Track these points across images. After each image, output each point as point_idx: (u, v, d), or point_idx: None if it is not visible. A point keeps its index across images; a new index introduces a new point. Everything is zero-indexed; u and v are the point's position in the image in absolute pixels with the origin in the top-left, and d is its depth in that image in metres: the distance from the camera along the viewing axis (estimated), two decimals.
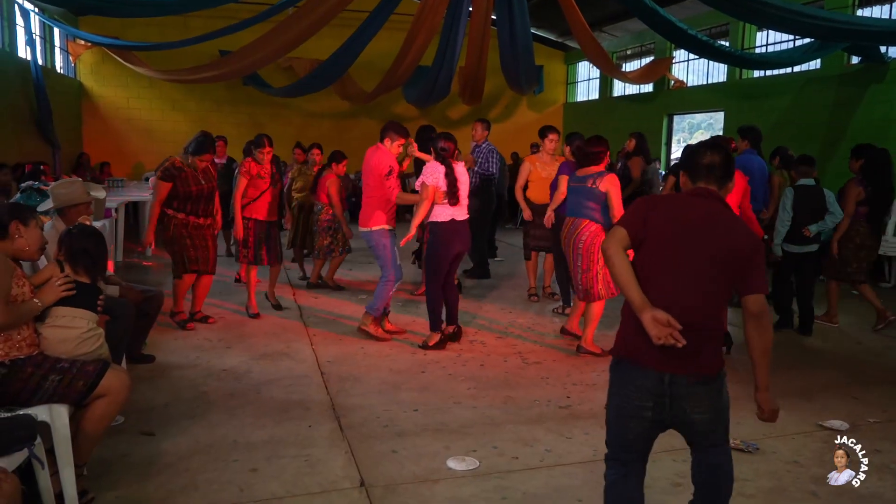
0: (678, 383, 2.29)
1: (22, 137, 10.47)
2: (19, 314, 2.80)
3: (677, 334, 2.19)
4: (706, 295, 2.31)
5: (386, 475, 3.19)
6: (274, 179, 5.99)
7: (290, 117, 14.94)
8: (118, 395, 2.92)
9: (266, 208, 5.93)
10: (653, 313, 2.20)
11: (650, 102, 13.79)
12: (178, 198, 5.31)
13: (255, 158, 5.96)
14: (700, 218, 2.33)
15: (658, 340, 2.20)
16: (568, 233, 5.04)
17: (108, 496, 2.94)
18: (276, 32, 10.13)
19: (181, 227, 5.33)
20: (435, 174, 4.94)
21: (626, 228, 2.36)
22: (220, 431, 3.63)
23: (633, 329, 2.31)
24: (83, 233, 3.18)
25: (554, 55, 16.62)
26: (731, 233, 2.32)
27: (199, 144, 5.35)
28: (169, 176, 5.26)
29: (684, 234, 2.32)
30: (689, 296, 2.29)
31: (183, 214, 5.34)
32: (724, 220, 2.34)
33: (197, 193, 5.32)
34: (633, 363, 2.36)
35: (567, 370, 4.76)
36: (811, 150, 9.79)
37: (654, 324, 2.19)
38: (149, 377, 4.40)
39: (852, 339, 5.66)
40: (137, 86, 14.17)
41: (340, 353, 5.02)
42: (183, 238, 5.34)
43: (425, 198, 4.95)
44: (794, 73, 10.30)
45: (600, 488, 3.09)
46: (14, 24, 10.52)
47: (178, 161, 5.33)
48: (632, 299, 2.27)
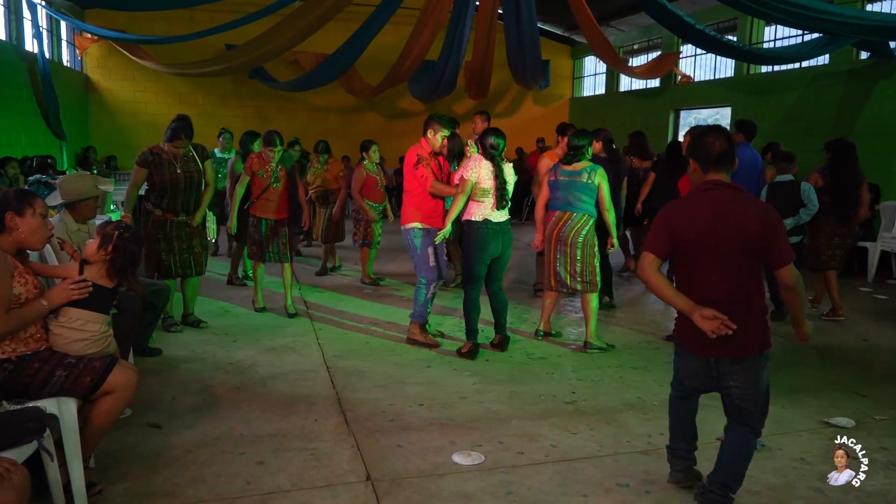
0: (722, 362, 2.68)
1: (29, 131, 10.51)
2: (21, 319, 2.73)
3: (727, 321, 2.52)
4: (740, 277, 2.62)
5: (392, 469, 3.20)
6: (276, 178, 5.73)
7: (295, 111, 14.95)
8: (125, 391, 2.91)
9: (269, 206, 5.72)
10: (700, 312, 2.56)
11: (657, 97, 13.74)
12: (156, 189, 4.94)
13: (264, 155, 5.78)
14: (717, 211, 2.61)
15: (713, 334, 2.54)
16: (563, 226, 4.96)
17: (115, 488, 2.96)
18: (282, 26, 10.14)
19: (156, 226, 4.97)
20: (475, 169, 4.68)
21: (654, 253, 2.73)
22: (227, 424, 3.65)
23: (683, 323, 2.72)
24: (135, 236, 3.06)
25: (560, 50, 16.57)
26: (746, 217, 2.58)
27: (173, 131, 4.89)
28: (144, 162, 4.89)
29: (707, 231, 2.62)
30: (726, 283, 2.61)
31: (160, 211, 4.98)
32: (738, 207, 2.61)
33: (175, 184, 4.91)
34: (687, 349, 2.79)
35: (572, 365, 4.76)
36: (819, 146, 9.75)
37: (703, 321, 2.55)
38: (156, 370, 4.42)
39: (859, 336, 5.64)
40: (144, 79, 14.21)
41: (346, 348, 5.03)
42: (157, 240, 4.97)
43: (461, 192, 4.69)
44: (802, 69, 10.24)
45: (605, 483, 3.10)
46: (21, 18, 10.55)
47: (156, 147, 4.96)
48: (679, 307, 2.66)
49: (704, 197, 2.67)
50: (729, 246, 2.60)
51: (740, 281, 2.62)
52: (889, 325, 6.02)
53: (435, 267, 4.98)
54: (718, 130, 2.75)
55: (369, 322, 5.76)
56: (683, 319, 2.70)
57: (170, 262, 5.02)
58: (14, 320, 2.70)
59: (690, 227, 2.65)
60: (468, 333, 4.89)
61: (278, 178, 5.74)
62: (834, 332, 5.75)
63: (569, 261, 4.98)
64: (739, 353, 2.64)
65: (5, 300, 2.67)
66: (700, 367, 2.75)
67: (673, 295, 2.68)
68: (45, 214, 2.91)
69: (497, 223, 4.77)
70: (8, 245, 2.79)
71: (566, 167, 5.01)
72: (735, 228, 2.58)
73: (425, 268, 4.97)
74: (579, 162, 4.96)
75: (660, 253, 2.72)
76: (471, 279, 4.85)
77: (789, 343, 4.79)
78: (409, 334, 5.13)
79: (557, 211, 5.01)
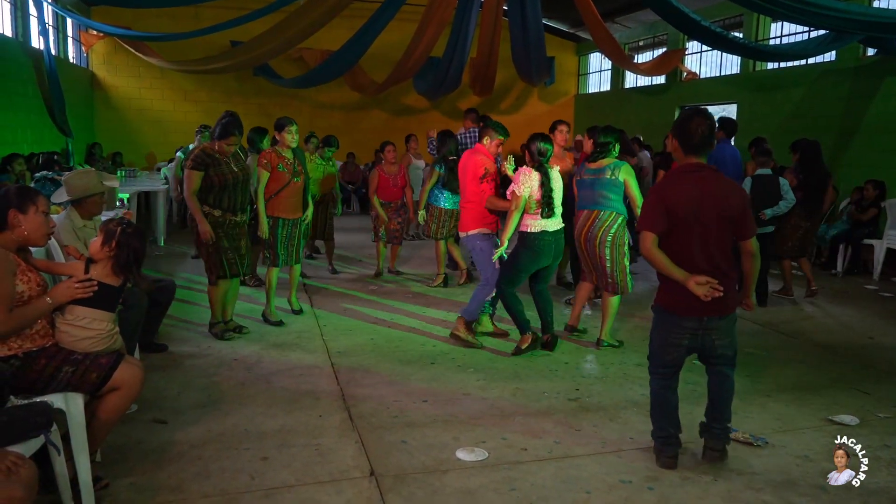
0: (712, 320, 3.06)
1: (35, 127, 10.55)
2: (24, 317, 2.73)
3: (717, 285, 2.91)
4: (721, 248, 3.00)
5: (395, 465, 3.22)
6: (296, 171, 5.36)
7: (300, 108, 14.96)
8: (131, 388, 2.93)
9: (288, 204, 5.34)
10: (695, 279, 2.92)
11: (662, 94, 13.70)
12: (213, 190, 4.78)
13: (284, 140, 5.30)
14: (703, 191, 2.97)
15: (706, 298, 2.92)
16: (591, 226, 4.89)
17: (122, 483, 2.98)
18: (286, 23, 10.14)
19: (216, 226, 4.80)
20: (527, 183, 4.56)
21: (652, 231, 3.00)
22: (232, 420, 3.67)
23: (673, 290, 3.05)
24: (138, 232, 3.05)
25: (565, 46, 16.54)
26: (726, 196, 2.99)
27: (224, 127, 4.77)
28: (200, 164, 4.70)
29: (694, 209, 2.96)
30: (712, 253, 2.99)
31: (219, 211, 4.82)
32: (719, 187, 3.00)
33: (233, 183, 4.79)
34: (679, 314, 3.09)
35: (576, 362, 4.77)
36: (825, 142, 9.71)
37: (697, 287, 2.91)
38: (161, 366, 4.44)
39: (863, 334, 5.63)
40: (149, 76, 14.24)
41: (350, 344, 5.05)
42: (219, 238, 4.82)
43: (514, 208, 4.58)
44: (808, 65, 10.20)
45: (609, 480, 3.11)
46: (27, 15, 10.58)
47: (208, 147, 4.80)
48: (676, 277, 2.97)
49: (691, 178, 3.00)
50: (714, 222, 2.97)
51: (722, 252, 3.01)
52: (894, 322, 6.00)
53: (496, 270, 4.91)
54: (703, 115, 3.03)
55: (374, 318, 5.77)
56: (676, 289, 3.02)
57: (235, 260, 4.91)
58: (17, 319, 2.71)
59: (681, 206, 2.96)
60: (522, 327, 4.83)
61: (298, 173, 5.37)
62: (838, 330, 5.74)
63: (598, 262, 4.92)
64: (724, 312, 3.07)
65: (7, 299, 2.68)
66: (692, 326, 3.08)
67: (671, 268, 2.98)
68: (48, 212, 2.93)
69: (553, 233, 4.69)
70: (10, 242, 2.81)
71: (591, 165, 4.96)
72: (720, 206, 2.96)
73: (490, 270, 4.93)
74: (605, 159, 4.92)
75: (657, 229, 3.00)
76: (511, 283, 4.78)
77: (791, 339, 4.78)
78: (454, 329, 5.07)
79: (585, 210, 4.95)
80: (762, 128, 11.02)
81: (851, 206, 8.30)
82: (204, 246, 4.83)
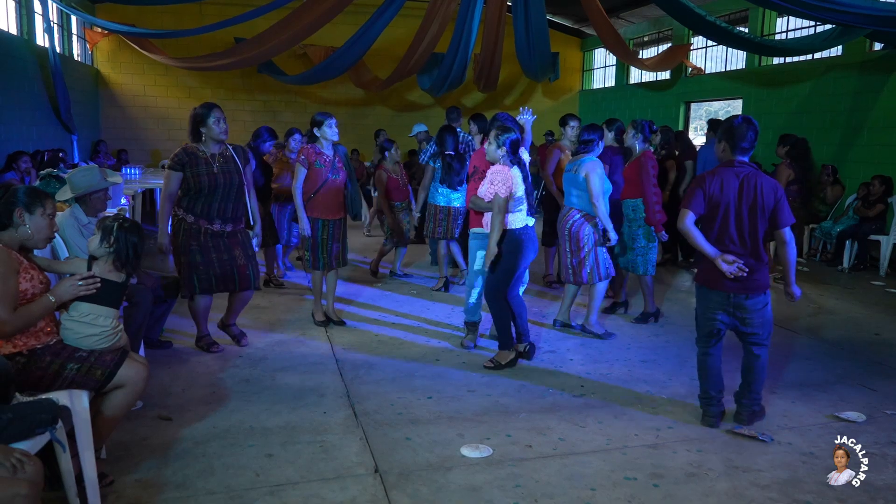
0: (739, 297, 3.46)
1: (40, 125, 10.58)
2: (29, 316, 2.74)
3: (742, 265, 3.35)
4: (753, 235, 3.42)
5: (400, 462, 3.22)
6: (335, 168, 5.05)
7: (304, 105, 14.97)
8: (136, 385, 2.94)
9: (326, 203, 5.03)
10: (723, 257, 3.36)
11: (667, 90, 13.64)
12: (189, 194, 4.40)
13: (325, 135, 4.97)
14: (741, 185, 3.41)
15: (731, 275, 3.35)
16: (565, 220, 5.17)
17: (127, 479, 2.99)
18: (290, 20, 10.14)
19: (188, 235, 4.42)
20: (507, 183, 4.26)
21: (692, 210, 3.41)
22: (237, 417, 3.67)
23: (707, 266, 3.48)
24: (134, 227, 3.03)
25: (570, 42, 16.48)
26: (763, 191, 3.39)
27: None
28: (178, 163, 4.37)
29: (733, 199, 3.40)
30: (743, 239, 3.42)
31: (192, 217, 4.42)
32: (757, 182, 3.41)
33: (210, 187, 4.36)
34: (709, 287, 3.52)
35: (581, 359, 4.76)
36: (832, 138, 9.70)
37: (725, 264, 3.34)
38: (166, 363, 4.45)
39: (870, 331, 5.60)
40: (154, 73, 14.25)
41: (355, 341, 5.05)
42: (189, 252, 4.42)
43: (498, 211, 4.28)
44: (814, 60, 10.14)
45: (613, 477, 3.11)
46: (32, 12, 10.59)
47: (191, 146, 4.45)
48: (708, 253, 3.40)
49: (733, 172, 3.43)
50: (750, 212, 3.39)
51: (753, 239, 3.42)
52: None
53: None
54: (748, 121, 3.45)
55: (378, 315, 5.77)
56: (709, 265, 3.45)
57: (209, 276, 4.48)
58: (21, 318, 2.72)
59: (722, 194, 3.40)
60: (506, 342, 4.55)
61: (337, 170, 5.07)
62: (844, 326, 5.71)
63: (570, 255, 5.16)
64: (749, 291, 3.45)
65: (12, 298, 2.68)
66: (721, 301, 3.50)
67: (704, 243, 3.41)
68: (54, 215, 2.94)
69: (532, 227, 4.55)
70: (12, 241, 2.81)
71: (570, 161, 5.19)
72: (756, 198, 3.38)
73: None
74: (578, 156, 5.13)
75: (697, 210, 3.42)
76: (500, 290, 4.47)
77: (797, 335, 4.76)
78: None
79: (566, 206, 5.24)
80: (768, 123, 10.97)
81: (858, 202, 8.25)
82: (176, 254, 4.48)
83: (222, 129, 4.44)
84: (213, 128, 4.40)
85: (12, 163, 7.75)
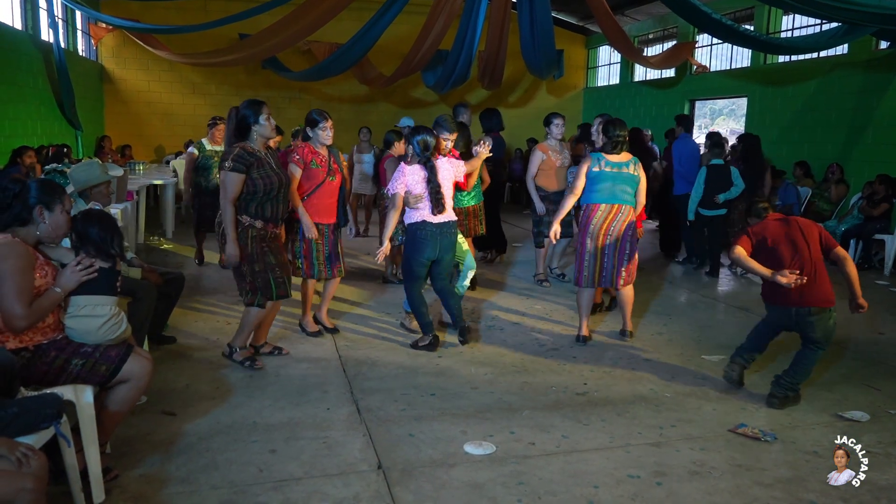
0: (799, 312, 3.86)
1: (45, 120, 10.60)
2: (41, 310, 2.75)
3: (800, 276, 3.75)
4: (805, 259, 3.86)
5: (403, 458, 3.22)
6: (332, 170, 4.79)
7: (308, 101, 14.95)
8: (140, 380, 2.95)
9: (323, 206, 4.78)
10: (779, 273, 3.77)
11: (672, 88, 13.61)
12: (257, 197, 4.11)
13: (318, 138, 4.71)
14: (788, 226, 3.98)
15: (793, 286, 3.74)
16: (612, 219, 4.85)
17: (131, 474, 3.00)
18: (295, 16, 10.12)
19: (260, 240, 4.17)
20: (401, 180, 4.53)
21: (743, 246, 3.97)
22: (240, 413, 3.68)
23: (770, 287, 3.91)
24: (86, 217, 3.05)
25: (575, 39, 16.45)
26: (806, 230, 3.95)
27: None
28: (242, 164, 4.03)
29: (784, 236, 3.95)
30: (803, 262, 3.85)
31: (261, 222, 4.17)
32: (801, 227, 3.96)
33: (278, 187, 4.16)
34: (775, 304, 3.96)
35: (584, 357, 4.75)
36: (837, 135, 9.67)
37: (783, 278, 3.75)
38: (170, 358, 4.46)
39: (874, 330, 5.59)
40: (158, 69, 14.26)
41: (358, 338, 5.05)
42: (265, 254, 4.19)
43: (392, 207, 4.56)
44: (820, 59, 10.10)
45: (617, 475, 3.11)
46: (37, 7, 10.60)
47: (247, 145, 4.13)
48: (763, 274, 3.84)
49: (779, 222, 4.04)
50: (799, 243, 3.91)
51: (810, 261, 3.86)
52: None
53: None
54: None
55: (381, 312, 5.77)
56: (770, 286, 3.89)
57: (283, 279, 4.34)
58: (35, 313, 2.73)
59: (770, 236, 3.95)
60: (424, 327, 4.79)
61: (333, 172, 4.80)
62: (848, 326, 5.69)
63: (618, 255, 4.90)
64: (812, 303, 3.82)
65: (28, 294, 2.70)
66: (786, 315, 3.91)
67: (760, 267, 3.86)
68: (70, 210, 2.95)
69: (438, 225, 4.58)
70: (30, 237, 2.82)
71: (612, 158, 4.86)
72: (802, 236, 3.91)
73: None
74: (624, 153, 4.90)
75: (747, 248, 3.97)
76: (409, 280, 4.73)
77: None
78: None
79: (603, 204, 4.84)
80: (773, 122, 10.95)
81: (863, 201, 8.23)
82: (247, 263, 4.17)
83: (273, 126, 4.26)
84: (265, 125, 4.16)
85: (17, 158, 7.76)
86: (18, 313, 2.66)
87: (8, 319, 2.68)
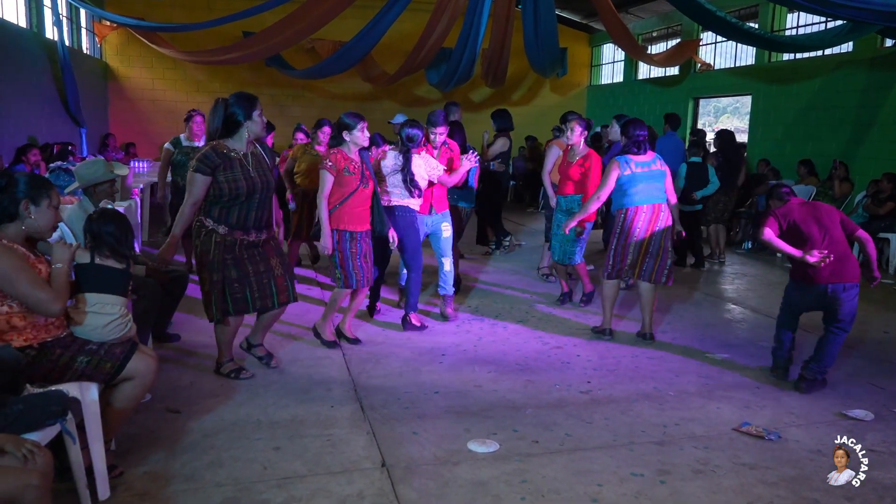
0: (835, 289, 4.02)
1: (49, 118, 10.62)
2: (62, 288, 2.75)
3: (828, 254, 3.91)
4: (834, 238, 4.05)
5: (407, 456, 3.23)
6: (364, 177, 4.56)
7: (312, 99, 14.98)
8: (145, 377, 2.96)
9: (355, 214, 4.55)
10: (809, 252, 3.94)
11: (676, 86, 13.59)
12: (221, 201, 3.80)
13: (356, 140, 4.54)
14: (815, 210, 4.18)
15: (822, 263, 3.92)
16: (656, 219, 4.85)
17: (136, 471, 3.01)
18: (299, 14, 10.13)
19: (221, 248, 3.83)
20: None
21: (772, 228, 4.11)
22: (244, 410, 3.69)
23: (801, 267, 4.07)
24: (104, 216, 3.10)
25: (578, 37, 16.43)
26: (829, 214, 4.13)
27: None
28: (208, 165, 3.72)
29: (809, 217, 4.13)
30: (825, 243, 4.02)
31: (225, 228, 3.83)
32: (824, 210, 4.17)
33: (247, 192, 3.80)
34: (808, 283, 4.10)
35: (588, 355, 4.75)
36: (841, 133, 9.64)
37: (812, 257, 3.92)
38: (174, 356, 4.47)
39: (878, 329, 5.57)
40: (162, 67, 14.29)
41: (362, 336, 5.05)
42: (224, 266, 3.86)
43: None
44: (824, 56, 10.07)
45: (620, 473, 3.11)
46: (41, 5, 10.63)
47: (220, 144, 3.80)
48: (794, 255, 4.01)
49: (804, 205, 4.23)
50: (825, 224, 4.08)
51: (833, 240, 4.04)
52: None
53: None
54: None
55: (385, 310, 5.78)
56: (800, 266, 4.07)
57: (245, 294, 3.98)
58: (58, 291, 2.74)
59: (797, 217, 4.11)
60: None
61: (367, 179, 4.58)
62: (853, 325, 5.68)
63: (662, 253, 4.89)
64: (845, 280, 4.00)
65: (41, 281, 2.72)
66: (818, 292, 4.06)
67: (790, 247, 4.02)
68: (58, 206, 2.95)
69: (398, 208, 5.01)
70: (18, 235, 2.79)
71: (640, 158, 4.83)
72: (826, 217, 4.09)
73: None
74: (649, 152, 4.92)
75: (775, 230, 4.11)
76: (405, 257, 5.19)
77: (810, 333, 4.74)
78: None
79: (644, 205, 4.82)
80: (777, 119, 10.92)
81: (868, 199, 8.20)
82: (206, 270, 3.85)
83: (265, 124, 3.97)
84: (258, 122, 3.86)
85: (21, 155, 7.79)
86: (46, 297, 2.69)
87: (42, 308, 2.71)
